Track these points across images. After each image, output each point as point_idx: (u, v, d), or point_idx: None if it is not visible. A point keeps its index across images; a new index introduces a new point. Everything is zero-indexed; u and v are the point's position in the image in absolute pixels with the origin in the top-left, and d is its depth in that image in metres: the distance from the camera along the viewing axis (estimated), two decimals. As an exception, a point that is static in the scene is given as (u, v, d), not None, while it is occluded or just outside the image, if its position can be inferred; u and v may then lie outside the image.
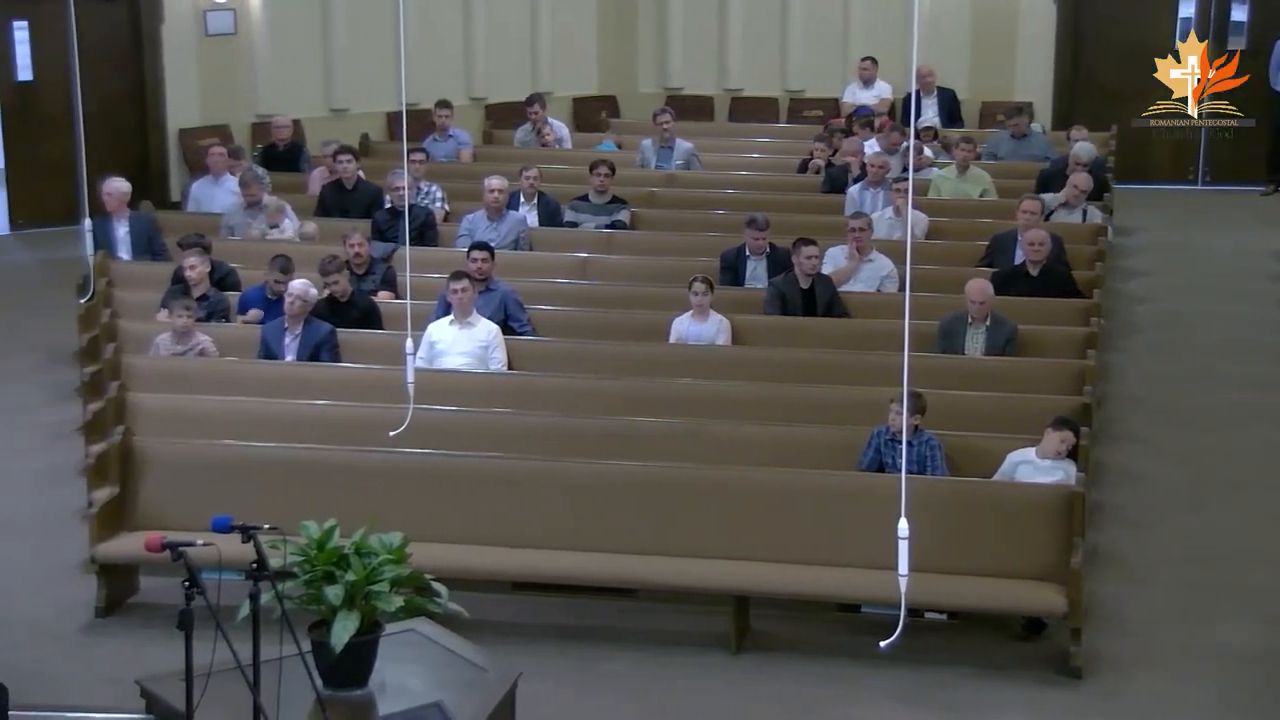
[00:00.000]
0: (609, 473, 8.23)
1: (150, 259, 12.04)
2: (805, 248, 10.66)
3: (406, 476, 8.22)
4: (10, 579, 8.52)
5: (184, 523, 7.53)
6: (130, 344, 10.19)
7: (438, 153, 15.14)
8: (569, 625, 8.06)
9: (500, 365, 9.89)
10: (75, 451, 9.85)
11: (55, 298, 12.68)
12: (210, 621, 5.51)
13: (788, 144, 16.23)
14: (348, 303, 10.41)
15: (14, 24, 16.15)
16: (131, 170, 13.92)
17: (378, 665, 6.55)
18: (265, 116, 16.45)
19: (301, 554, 6.45)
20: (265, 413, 9.02)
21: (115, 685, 7.05)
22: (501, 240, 11.97)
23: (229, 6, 17.05)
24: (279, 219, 12.37)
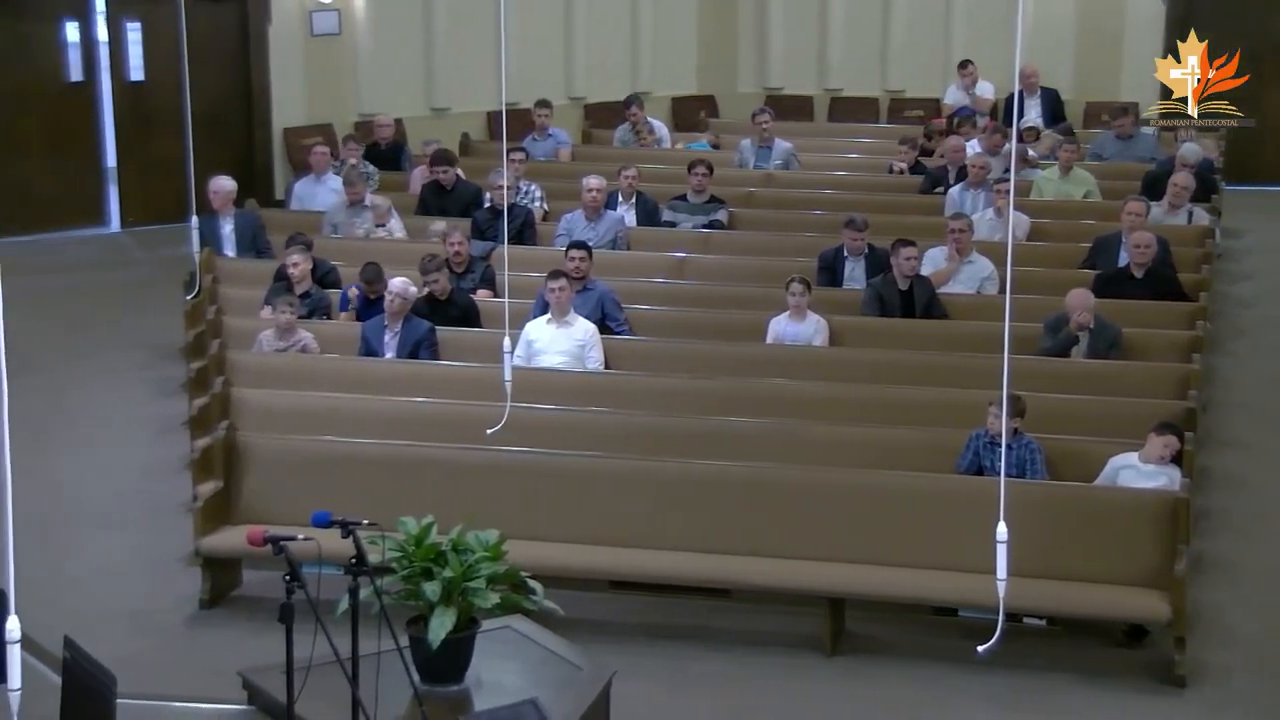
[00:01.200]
0: (704, 472, 8.23)
1: (254, 256, 12.22)
2: (904, 249, 10.59)
3: (503, 474, 8.27)
4: (118, 571, 8.69)
5: (285, 517, 7.61)
6: (234, 340, 10.35)
7: (537, 152, 15.22)
8: (663, 624, 8.07)
9: (597, 364, 9.92)
10: (181, 446, 10.03)
11: (163, 294, 12.92)
12: (310, 615, 5.58)
13: (887, 144, 16.11)
14: (447, 301, 10.50)
15: (127, 25, 16.50)
16: (237, 169, 14.16)
17: (474, 661, 6.61)
18: (368, 116, 16.64)
19: (400, 550, 6.52)
20: (365, 410, 9.12)
21: (218, 676, 7.15)
22: (599, 240, 12.01)
23: (334, 7, 17.27)
24: (386, 219, 12.49)
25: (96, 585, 8.48)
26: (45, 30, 16.15)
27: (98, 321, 13.46)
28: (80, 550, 8.90)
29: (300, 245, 11.00)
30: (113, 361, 12.38)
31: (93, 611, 7.98)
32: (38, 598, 6.14)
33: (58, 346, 12.52)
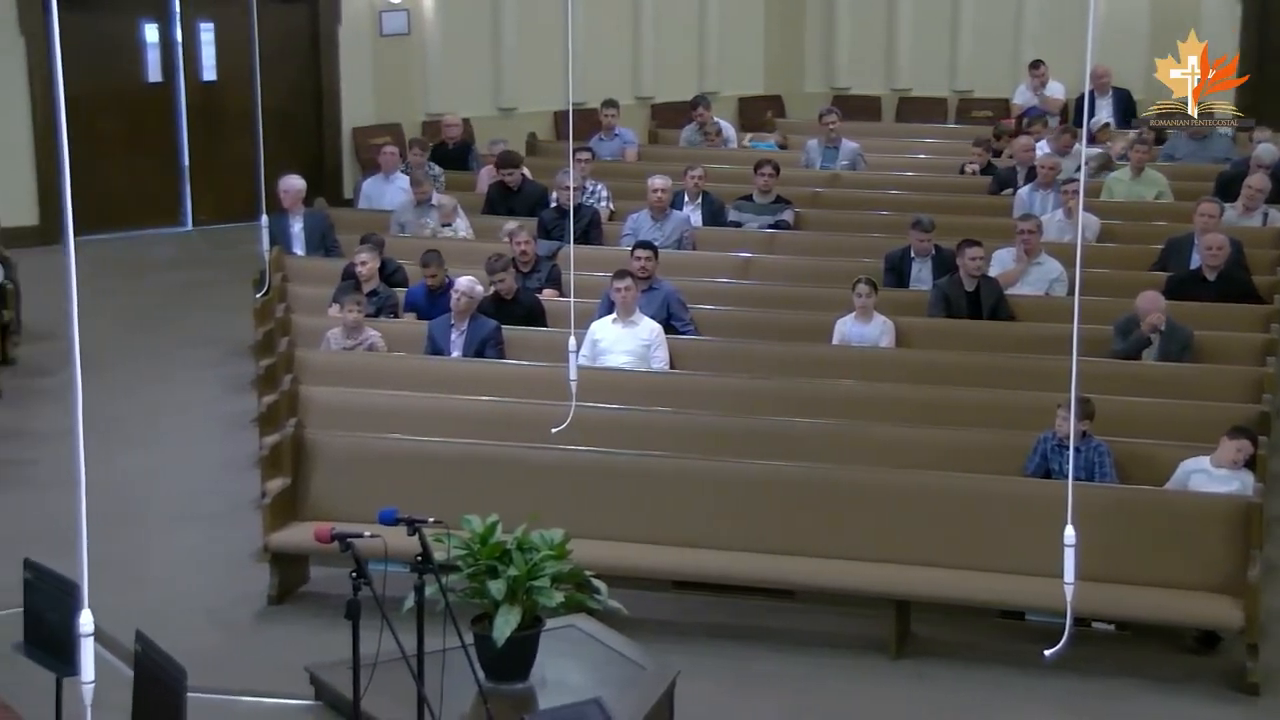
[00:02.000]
0: (770, 473, 8.21)
1: (323, 255, 12.32)
2: (970, 249, 10.52)
3: (568, 473, 8.28)
4: (189, 566, 8.78)
5: (352, 514, 7.67)
6: (303, 338, 10.44)
7: (603, 152, 15.24)
8: (727, 624, 8.06)
9: (662, 364, 9.92)
10: (250, 442, 10.12)
11: (234, 292, 13.05)
12: (376, 612, 5.62)
13: (955, 145, 16.01)
14: (513, 300, 10.53)
15: (200, 26, 16.69)
16: (307, 168, 14.28)
17: (538, 660, 6.63)
18: (435, 115, 16.73)
19: (465, 548, 6.55)
20: (431, 408, 9.17)
21: (286, 671, 7.22)
22: (665, 239, 12.01)
23: (403, 7, 17.39)
24: (453, 218, 12.55)
25: (167, 580, 8.57)
26: (125, 31, 16.37)
27: (171, 319, 13.62)
28: (151, 545, 9.00)
29: (371, 245, 11.08)
30: (185, 358, 12.52)
31: (163, 606, 8.06)
32: (110, 591, 6.22)
33: (132, 343, 12.69)
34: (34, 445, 10.44)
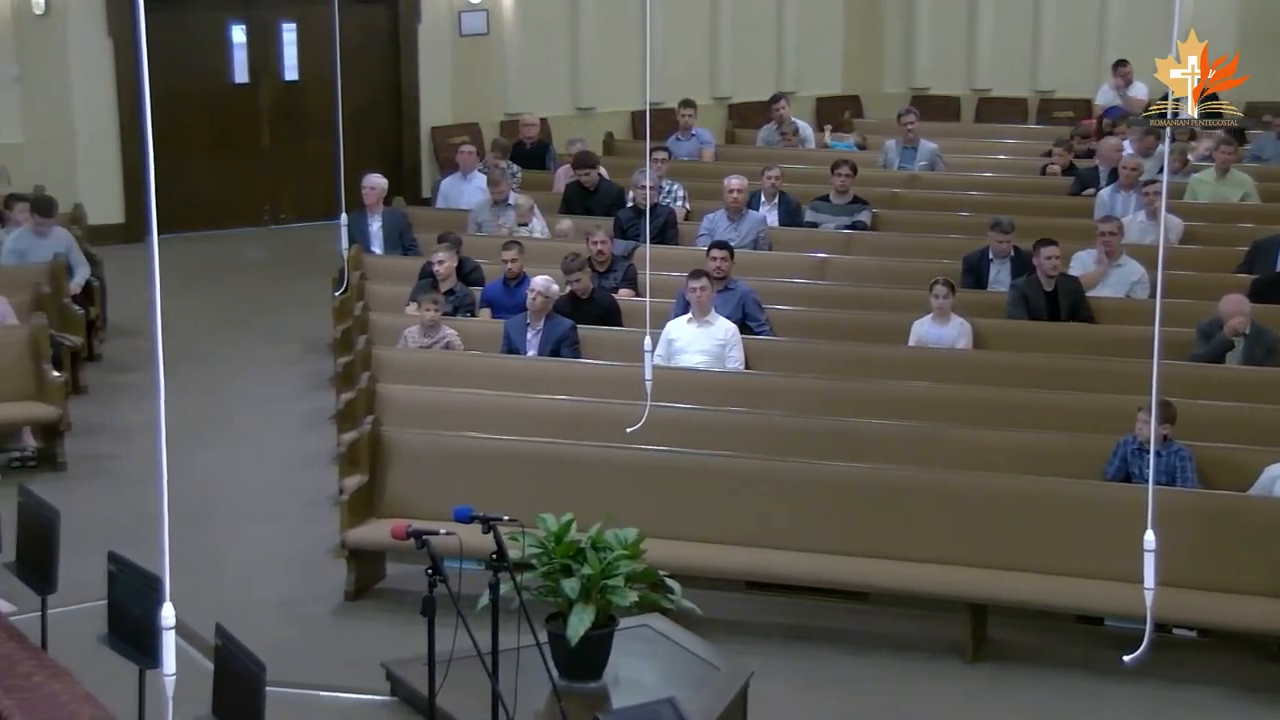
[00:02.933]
0: (845, 474, 8.17)
1: (401, 253, 12.41)
2: (1045, 248, 10.42)
3: (643, 473, 8.29)
4: (267, 561, 8.88)
5: (428, 512, 7.73)
6: (381, 336, 10.52)
7: (680, 151, 15.25)
8: (801, 626, 8.03)
9: (737, 364, 9.91)
10: (328, 439, 10.22)
11: (313, 290, 13.18)
12: (452, 609, 5.66)
13: (1036, 145, 15.87)
14: (589, 299, 10.56)
15: (282, 26, 16.87)
16: (386, 167, 14.40)
17: (612, 659, 6.64)
18: (514, 115, 16.81)
19: (539, 546, 6.58)
20: (507, 407, 9.21)
21: (362, 667, 7.29)
22: (741, 240, 11.99)
23: (482, 7, 17.49)
24: (528, 218, 12.61)
25: (246, 574, 8.67)
26: (212, 32, 16.58)
27: (252, 316, 13.79)
28: (231, 540, 9.11)
29: (449, 243, 11.14)
30: (265, 355, 12.67)
31: (242, 600, 8.16)
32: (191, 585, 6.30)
33: (213, 340, 12.85)
34: (118, 440, 10.60)
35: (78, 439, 10.44)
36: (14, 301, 10.80)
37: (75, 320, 11.57)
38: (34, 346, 10.35)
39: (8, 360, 10.26)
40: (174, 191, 14.99)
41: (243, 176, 16.81)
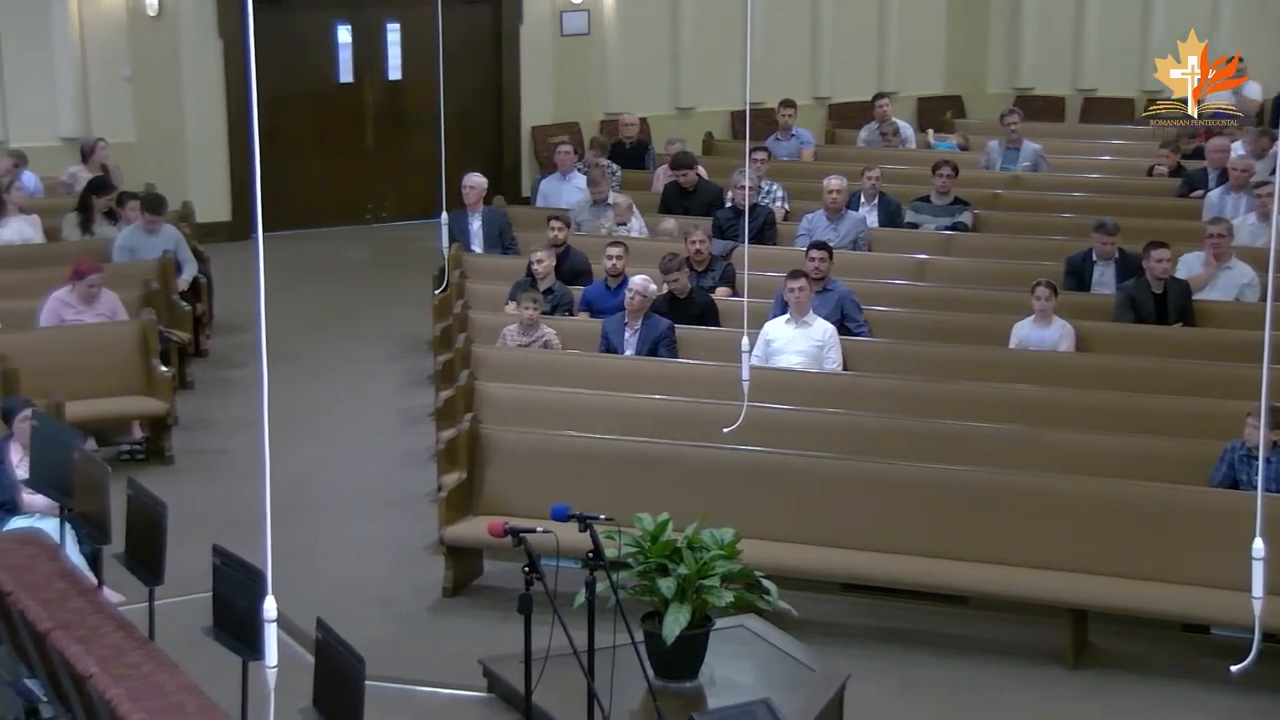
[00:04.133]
0: (943, 477, 8.11)
1: (501, 252, 12.49)
2: (1156, 250, 10.26)
3: (739, 473, 8.28)
4: (367, 556, 8.98)
5: (525, 510, 7.78)
6: (480, 334, 10.60)
7: (780, 152, 15.20)
8: (898, 629, 7.98)
9: (835, 365, 9.86)
10: (427, 436, 10.31)
11: (414, 288, 13.31)
12: (548, 607, 5.69)
13: (1142, 146, 15.62)
14: (687, 299, 10.56)
15: (387, 26, 17.05)
16: (486, 166, 14.49)
17: (707, 659, 6.64)
18: (613, 114, 16.85)
19: (635, 545, 6.60)
20: (604, 405, 9.23)
21: (459, 663, 7.35)
22: (840, 240, 11.94)
23: (584, 7, 17.56)
24: (627, 217, 12.64)
25: (346, 569, 8.78)
26: (318, 33, 16.80)
27: (354, 314, 13.95)
28: (332, 535, 9.22)
29: (562, 222, 11.42)
30: (366, 353, 12.81)
31: (342, 594, 8.26)
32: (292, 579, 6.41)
33: (316, 337, 13.01)
34: (223, 435, 10.77)
35: (184, 433, 10.63)
36: (124, 297, 11.01)
37: (183, 316, 11.77)
38: (143, 342, 10.55)
39: (118, 355, 10.46)
40: (279, 190, 15.23)
41: (346, 175, 17.00)
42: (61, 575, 6.85)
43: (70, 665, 5.24)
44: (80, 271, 10.71)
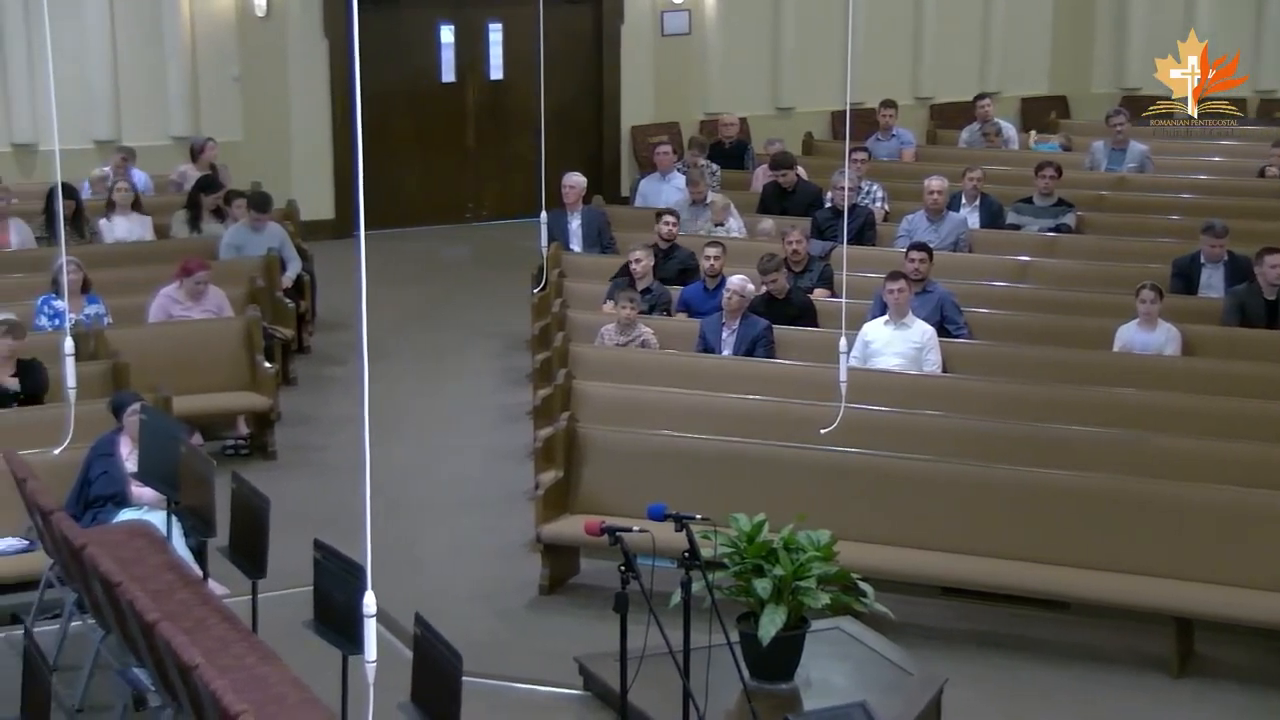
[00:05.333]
0: (1044, 481, 8.01)
1: (599, 251, 12.54)
2: (1270, 256, 10.06)
3: (836, 474, 8.24)
4: (464, 553, 9.05)
5: (621, 508, 7.81)
6: (578, 333, 10.64)
7: (880, 152, 15.11)
8: (997, 634, 7.89)
9: (934, 367, 9.78)
10: (525, 434, 10.37)
11: (513, 287, 13.39)
12: (644, 606, 5.70)
13: (1253, 147, 15.32)
14: (785, 300, 10.53)
15: (489, 26, 17.18)
16: (586, 165, 14.55)
17: (803, 661, 6.62)
18: (713, 114, 16.84)
19: (731, 546, 6.59)
20: (701, 405, 9.23)
21: (555, 660, 7.39)
22: (941, 241, 11.84)
23: (685, 7, 17.57)
24: (724, 217, 12.63)
25: (444, 565, 8.85)
26: (422, 33, 16.96)
27: (454, 312, 14.07)
28: (429, 531, 9.31)
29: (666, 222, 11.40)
30: (466, 351, 12.91)
31: (440, 591, 8.34)
32: (391, 574, 6.48)
33: (417, 334, 13.14)
34: (324, 431, 10.92)
35: (287, 428, 10.78)
36: (230, 294, 11.18)
37: (287, 313, 11.94)
38: (248, 338, 10.72)
39: (223, 351, 10.64)
40: (381, 189, 15.42)
41: (447, 174, 17.15)
42: (169, 567, 6.98)
43: (177, 656, 5.34)
44: (188, 268, 10.90)
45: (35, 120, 15.06)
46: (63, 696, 6.72)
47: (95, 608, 6.66)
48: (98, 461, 8.08)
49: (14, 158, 15.16)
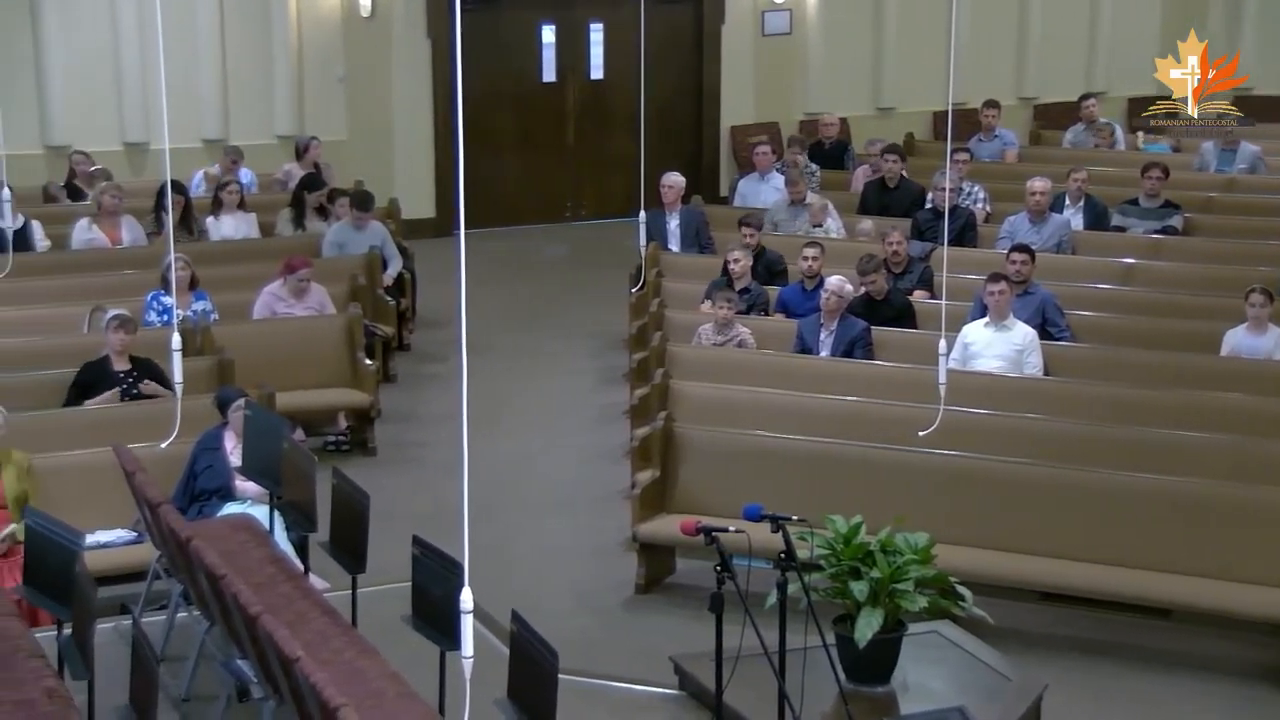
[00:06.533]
0: (1147, 486, 7.88)
1: (697, 251, 12.54)
2: (1382, 258, 9.84)
3: (934, 477, 8.17)
4: (561, 551, 9.09)
5: (717, 509, 7.80)
6: (675, 333, 10.65)
7: (982, 153, 14.98)
8: (1098, 640, 7.78)
9: (1036, 370, 9.67)
10: (621, 434, 10.40)
11: (611, 286, 13.43)
12: (739, 606, 5.69)
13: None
14: (883, 301, 10.47)
15: (591, 26, 17.25)
16: (685, 165, 14.55)
17: (900, 664, 6.58)
18: (813, 114, 16.78)
19: (828, 548, 6.57)
20: (798, 406, 9.20)
21: (651, 659, 7.40)
22: (1043, 243, 11.70)
23: (786, 7, 17.52)
24: (822, 218, 12.58)
25: (540, 563, 8.90)
26: (524, 33, 17.06)
27: (552, 311, 14.14)
28: (526, 529, 9.36)
29: (753, 227, 11.36)
30: (564, 349, 12.97)
31: (536, 588, 8.38)
32: (488, 572, 6.53)
33: (516, 333, 13.22)
34: (423, 428, 11.02)
35: (387, 425, 10.90)
36: (332, 292, 11.32)
37: (388, 311, 12.07)
38: (349, 335, 10.85)
39: (325, 348, 10.77)
40: (481, 188, 15.53)
41: (547, 173, 17.24)
42: (271, 560, 7.09)
43: (278, 648, 5.42)
44: (291, 266, 11.06)
45: (147, 120, 15.36)
46: (169, 686, 6.85)
47: (200, 599, 6.78)
48: (203, 456, 8.22)
49: (126, 156, 15.48)
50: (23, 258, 11.32)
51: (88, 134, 15.18)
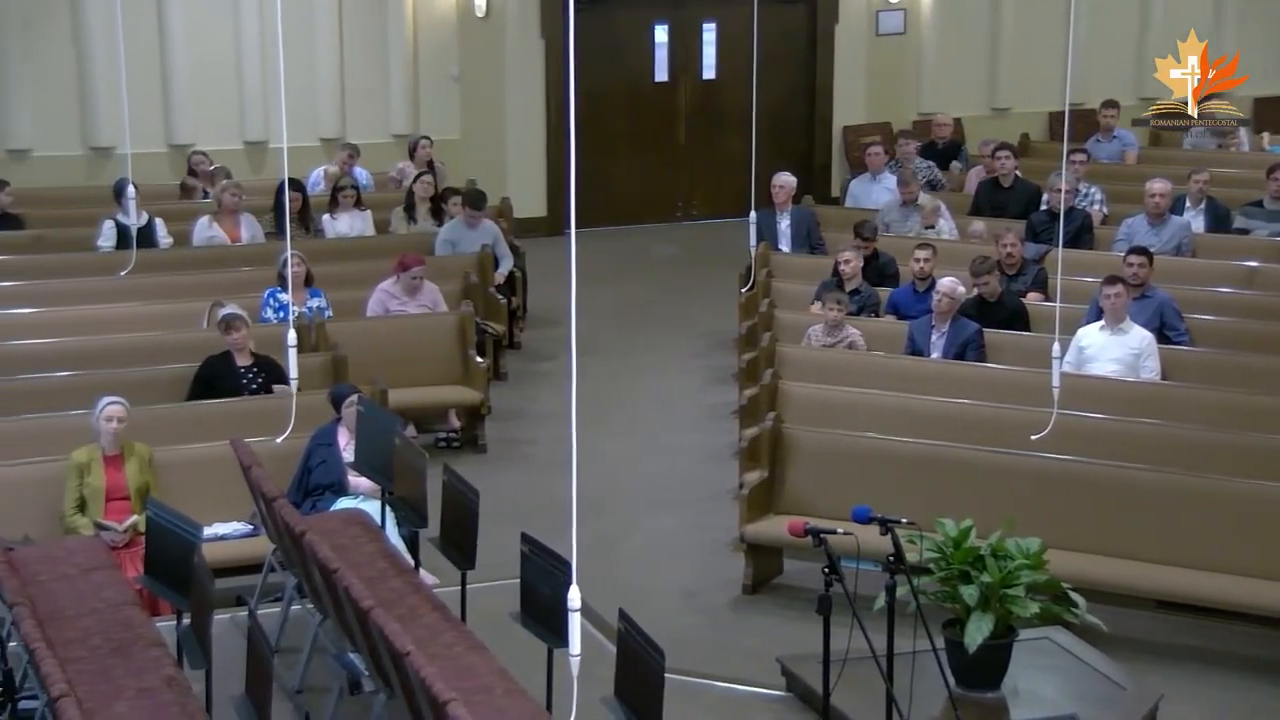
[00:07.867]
0: (1264, 493, 7.72)
1: (808, 252, 12.49)
2: None
3: (1047, 481, 8.07)
4: (669, 550, 9.11)
5: (826, 510, 7.77)
6: (785, 333, 10.62)
7: (1100, 154, 14.75)
8: (1215, 650, 7.63)
9: (1153, 374, 9.51)
10: (730, 433, 10.39)
11: (721, 286, 13.42)
12: (847, 608, 5.67)
13: None
14: (996, 303, 10.35)
15: (704, 25, 17.26)
16: (796, 165, 14.51)
17: (1010, 670, 6.52)
18: (927, 115, 16.63)
19: (938, 551, 6.52)
20: (908, 408, 9.13)
21: (758, 660, 7.39)
22: (1162, 245, 11.50)
23: (900, 6, 17.40)
24: (934, 219, 12.47)
25: (648, 562, 8.92)
26: (637, 32, 17.11)
27: (662, 310, 14.16)
28: (634, 527, 9.39)
29: (864, 237, 11.28)
30: (673, 349, 12.99)
31: (643, 587, 8.40)
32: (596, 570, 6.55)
33: (625, 332, 13.27)
34: (533, 426, 11.09)
35: (497, 423, 10.99)
36: (444, 290, 11.44)
37: (499, 309, 12.17)
38: (461, 333, 10.96)
39: (438, 346, 10.89)
40: (593, 187, 15.55)
41: (658, 173, 17.26)
42: (383, 555, 7.18)
43: (389, 642, 5.49)
44: (404, 264, 11.19)
45: (266, 119, 15.65)
46: (283, 678, 6.96)
47: (314, 593, 6.88)
48: (317, 451, 8.35)
49: (245, 155, 15.77)
50: (146, 254, 11.61)
51: (209, 133, 15.53)
